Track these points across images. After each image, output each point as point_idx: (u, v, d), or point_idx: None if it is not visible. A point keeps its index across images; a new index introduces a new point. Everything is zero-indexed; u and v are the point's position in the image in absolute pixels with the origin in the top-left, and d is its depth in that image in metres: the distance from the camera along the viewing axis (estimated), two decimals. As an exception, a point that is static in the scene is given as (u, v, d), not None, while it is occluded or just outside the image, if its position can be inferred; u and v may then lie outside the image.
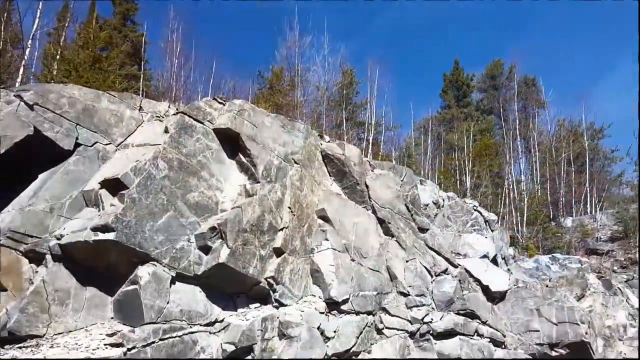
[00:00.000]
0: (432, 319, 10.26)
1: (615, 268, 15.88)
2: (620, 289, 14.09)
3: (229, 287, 8.14)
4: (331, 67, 17.50)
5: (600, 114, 26.48)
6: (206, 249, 7.80)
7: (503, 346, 10.98)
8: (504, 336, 11.21)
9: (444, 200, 14.27)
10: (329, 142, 11.64)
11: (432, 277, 11.48)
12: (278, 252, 8.72)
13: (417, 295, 10.72)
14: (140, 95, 10.83)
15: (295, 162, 9.93)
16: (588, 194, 21.22)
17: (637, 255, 15.84)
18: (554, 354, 11.17)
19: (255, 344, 7.78)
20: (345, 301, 9.33)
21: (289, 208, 9.21)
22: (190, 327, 7.39)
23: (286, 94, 15.60)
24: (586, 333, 11.18)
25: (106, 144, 8.57)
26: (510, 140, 22.98)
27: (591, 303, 13.08)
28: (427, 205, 13.55)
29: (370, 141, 17.53)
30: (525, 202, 18.85)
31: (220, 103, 9.33)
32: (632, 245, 16.31)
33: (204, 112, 8.97)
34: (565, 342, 11.15)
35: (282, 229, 8.90)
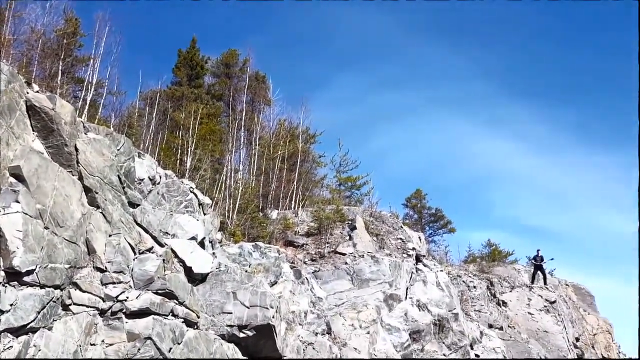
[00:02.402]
0: (127, 297, 9.81)
1: (306, 260, 17.57)
2: (307, 279, 15.59)
3: None
4: (54, 10, 15.44)
5: (314, 121, 29.30)
6: None
7: (195, 327, 11.12)
8: (198, 317, 11.37)
9: (160, 178, 13.88)
10: (37, 92, 10.22)
11: (135, 254, 11.04)
12: (-52, 209, 7.27)
13: (115, 272, 10.14)
14: None
15: (-10, 107, 8.44)
16: (294, 191, 23.09)
17: (325, 250, 17.86)
18: (241, 335, 11.74)
19: None
20: (30, 272, 8.31)
21: (-27, 159, 7.77)
22: None
23: (-8, 27, 13.22)
24: (273, 317, 12.02)
25: None
26: (234, 130, 23.63)
27: (281, 289, 14.16)
28: (142, 180, 12.99)
29: (88, 102, 16.00)
30: (240, 191, 19.57)
31: None
32: (323, 241, 18.30)
33: None
34: (253, 324, 11.80)
35: (-42, 183, 7.45)
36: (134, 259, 10.83)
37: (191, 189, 14.73)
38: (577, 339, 24.12)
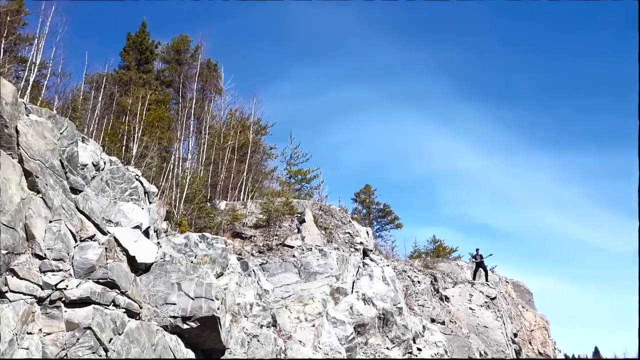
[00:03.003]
0: (67, 286, 9.48)
1: (254, 252, 17.43)
2: (254, 271, 15.48)
3: None
4: (-4, -14, 14.74)
5: (266, 113, 29.16)
6: None
7: (138, 317, 10.87)
8: (141, 307, 11.12)
9: (105, 164, 13.49)
10: (-24, 69, 9.73)
11: (76, 242, 10.67)
12: None
13: (55, 260, 9.78)
14: None
15: None
16: (244, 183, 22.84)
17: (273, 242, 17.78)
18: (185, 326, 11.57)
19: None
20: (-38, 258, 7.91)
21: None
22: None
23: None
24: (218, 308, 11.89)
25: None
26: (184, 118, 23.10)
27: (228, 281, 14.02)
28: (85, 165, 12.58)
29: (31, 83, 15.36)
30: (188, 180, 19.20)
31: None
32: (272, 234, 18.20)
33: None
34: (198, 315, 11.64)
35: None
36: (74, 247, 10.47)
37: (137, 177, 14.37)
38: (515, 335, 25.04)
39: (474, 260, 27.47)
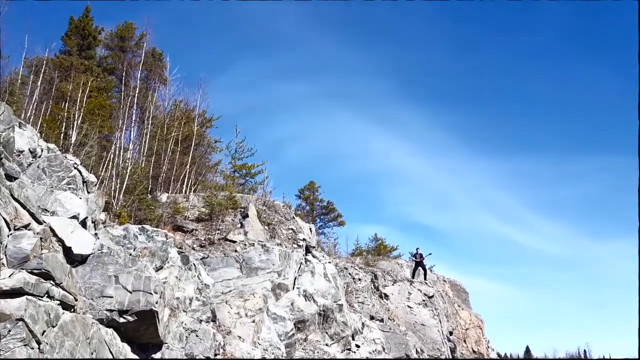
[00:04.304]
0: (-1, 276, 9.11)
1: (195, 246, 17.21)
2: (195, 265, 15.30)
3: None
4: None
5: (212, 105, 28.89)
6: None
7: (73, 310, 10.56)
8: (76, 300, 10.81)
9: (42, 151, 13.02)
10: None
11: (10, 230, 10.25)
12: None
13: (-15, 248, 9.38)
14: None
15: None
16: (187, 175, 22.49)
17: (215, 237, 17.61)
18: (122, 320, 11.35)
19: None
20: None
21: None
22: None
23: None
24: (156, 302, 11.71)
25: None
26: (126, 107, 22.49)
27: (167, 275, 13.80)
28: (22, 152, 12.11)
29: (-34, 64, 14.67)
30: (128, 171, 18.74)
31: None
32: (214, 228, 18.02)
33: None
34: (135, 309, 11.43)
35: None
36: (8, 236, 10.06)
37: (75, 165, 13.95)
38: (451, 333, 25.81)
39: (413, 259, 28.10)
